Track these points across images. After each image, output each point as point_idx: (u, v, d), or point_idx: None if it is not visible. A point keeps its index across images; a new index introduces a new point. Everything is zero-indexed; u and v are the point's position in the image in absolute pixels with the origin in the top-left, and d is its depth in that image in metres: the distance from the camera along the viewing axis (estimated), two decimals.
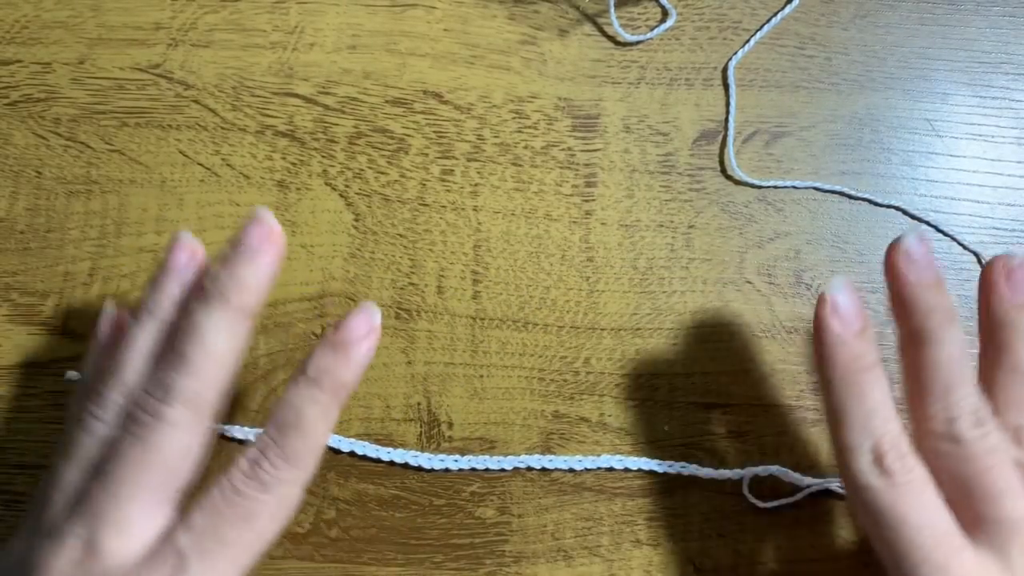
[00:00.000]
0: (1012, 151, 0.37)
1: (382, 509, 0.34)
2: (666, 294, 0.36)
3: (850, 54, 0.38)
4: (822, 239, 0.36)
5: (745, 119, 0.37)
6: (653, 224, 0.36)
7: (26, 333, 0.35)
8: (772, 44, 0.38)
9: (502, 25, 0.38)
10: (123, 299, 0.35)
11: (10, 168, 0.37)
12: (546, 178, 0.37)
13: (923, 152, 0.37)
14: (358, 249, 0.36)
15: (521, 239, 0.36)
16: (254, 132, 0.37)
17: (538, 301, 0.36)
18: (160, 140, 0.37)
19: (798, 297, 0.36)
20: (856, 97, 0.38)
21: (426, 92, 0.38)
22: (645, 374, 0.35)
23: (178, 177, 0.37)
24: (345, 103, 0.37)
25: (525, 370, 0.35)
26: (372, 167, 0.37)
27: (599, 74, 0.38)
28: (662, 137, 0.37)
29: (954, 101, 0.38)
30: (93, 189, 0.36)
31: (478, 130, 0.37)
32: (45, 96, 0.37)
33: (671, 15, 0.38)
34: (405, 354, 0.35)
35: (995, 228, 0.36)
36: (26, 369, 0.35)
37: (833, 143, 0.37)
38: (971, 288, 0.36)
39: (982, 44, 0.38)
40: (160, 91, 0.37)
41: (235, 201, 0.36)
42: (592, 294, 0.36)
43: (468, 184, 0.37)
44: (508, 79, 0.38)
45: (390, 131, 0.37)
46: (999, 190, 0.37)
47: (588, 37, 0.38)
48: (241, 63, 0.38)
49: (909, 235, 0.27)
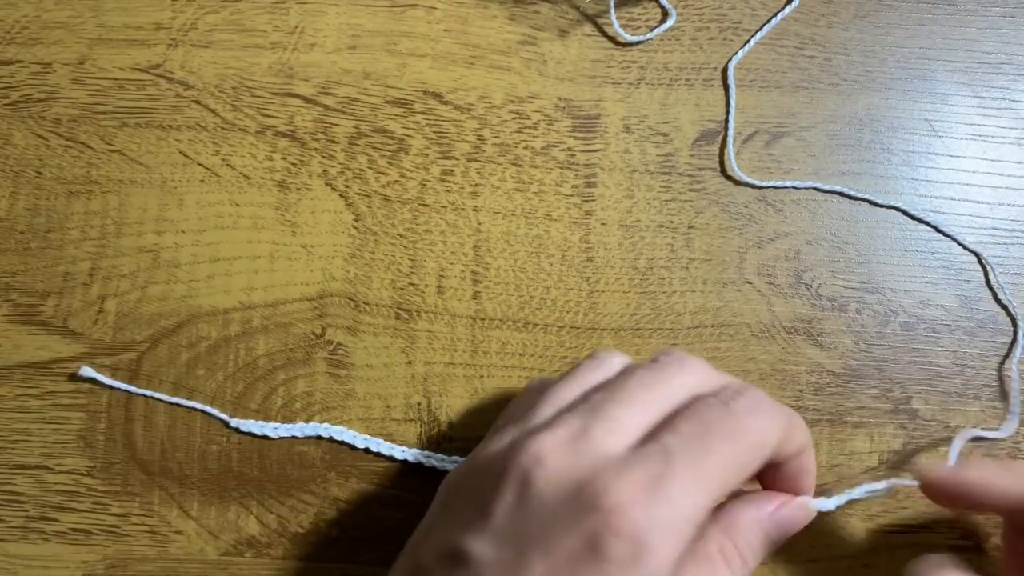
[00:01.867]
0: (1012, 151, 0.37)
1: (382, 509, 0.34)
2: (666, 294, 0.36)
3: (850, 54, 0.38)
4: (822, 239, 0.36)
5: (745, 119, 0.37)
6: (653, 224, 0.36)
7: (26, 333, 0.35)
8: (772, 44, 0.38)
9: (502, 25, 0.38)
10: (123, 299, 0.35)
11: (10, 168, 0.37)
12: (546, 178, 0.37)
13: (923, 152, 0.37)
14: (358, 249, 0.36)
15: (521, 239, 0.36)
16: (254, 132, 0.37)
17: (538, 301, 0.36)
18: (160, 140, 0.37)
19: (798, 298, 0.36)
20: (856, 97, 0.38)
21: (426, 92, 0.38)
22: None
23: (178, 177, 0.37)
24: (345, 103, 0.37)
25: (525, 370, 0.35)
26: (372, 167, 0.37)
27: (599, 74, 0.38)
28: (662, 137, 0.37)
29: (954, 101, 0.38)
30: (93, 189, 0.36)
31: (478, 130, 0.37)
32: (45, 96, 0.37)
33: (671, 15, 0.38)
34: (405, 354, 0.35)
35: (995, 228, 0.36)
36: (26, 369, 0.35)
37: (833, 143, 0.37)
38: (971, 288, 0.36)
39: (982, 44, 0.38)
40: (160, 91, 0.37)
41: (235, 201, 0.36)
42: (592, 294, 0.36)
43: (468, 184, 0.37)
44: (508, 79, 0.38)
45: (390, 131, 0.37)
46: (999, 190, 0.37)
47: (588, 37, 0.38)
48: (241, 63, 0.38)
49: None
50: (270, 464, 0.34)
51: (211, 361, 0.35)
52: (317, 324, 0.35)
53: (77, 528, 0.34)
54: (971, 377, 0.35)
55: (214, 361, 0.35)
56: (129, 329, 0.35)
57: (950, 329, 0.35)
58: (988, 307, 0.36)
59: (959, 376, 0.35)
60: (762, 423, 0.25)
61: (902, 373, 0.35)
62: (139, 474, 0.34)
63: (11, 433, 0.34)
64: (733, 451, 0.25)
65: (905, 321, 0.35)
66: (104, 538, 0.34)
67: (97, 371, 0.34)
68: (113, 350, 0.35)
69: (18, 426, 0.34)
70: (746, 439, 0.25)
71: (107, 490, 0.34)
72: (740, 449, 0.25)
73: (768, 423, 0.25)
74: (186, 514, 0.34)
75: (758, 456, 0.25)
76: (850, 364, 0.35)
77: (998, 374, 0.35)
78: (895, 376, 0.35)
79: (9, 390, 0.35)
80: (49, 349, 0.35)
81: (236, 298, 0.35)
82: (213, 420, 0.34)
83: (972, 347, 0.35)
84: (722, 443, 0.24)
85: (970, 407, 0.35)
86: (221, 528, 0.34)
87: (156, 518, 0.34)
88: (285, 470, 0.34)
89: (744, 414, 0.25)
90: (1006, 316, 0.35)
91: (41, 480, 0.34)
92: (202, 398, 0.35)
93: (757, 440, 0.25)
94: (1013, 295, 0.36)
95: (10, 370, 0.35)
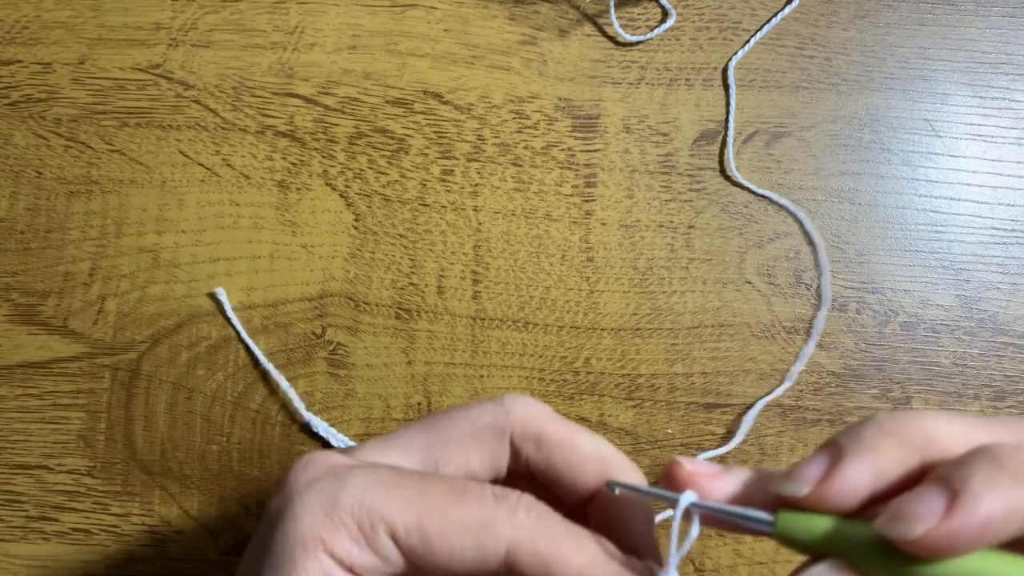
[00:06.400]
0: (1012, 151, 0.37)
1: None
2: (666, 294, 0.36)
3: (850, 54, 0.38)
4: (822, 239, 0.36)
5: (745, 119, 0.37)
6: (653, 224, 0.36)
7: (26, 333, 0.35)
8: (772, 44, 0.38)
9: (502, 25, 0.38)
10: (123, 299, 0.35)
11: (10, 168, 0.37)
12: (546, 178, 0.37)
13: (923, 152, 0.37)
14: (358, 249, 0.36)
15: (521, 239, 0.36)
16: (254, 132, 0.37)
17: (538, 301, 0.36)
18: (160, 140, 0.37)
19: (798, 297, 0.36)
20: (856, 97, 0.38)
21: (426, 92, 0.38)
22: (645, 374, 0.35)
23: (178, 177, 0.37)
24: (345, 103, 0.37)
25: (525, 370, 0.35)
26: (372, 167, 0.37)
27: (599, 74, 0.38)
28: (662, 137, 0.37)
29: (954, 101, 0.38)
30: (93, 189, 0.36)
31: (478, 130, 0.37)
32: (45, 96, 0.37)
33: (671, 15, 0.38)
34: (405, 354, 0.35)
35: (995, 228, 0.36)
36: (26, 369, 0.35)
37: (833, 143, 0.37)
38: (971, 288, 0.36)
39: (982, 44, 0.38)
40: (160, 91, 0.37)
41: (235, 201, 0.36)
42: (592, 294, 0.36)
43: (468, 184, 0.37)
44: (508, 79, 0.38)
45: (390, 131, 0.37)
46: (999, 190, 0.37)
47: (588, 37, 0.38)
48: (241, 63, 0.38)
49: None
50: (270, 464, 0.34)
51: (211, 361, 0.35)
52: (317, 324, 0.35)
53: (77, 528, 0.34)
54: (971, 377, 0.35)
55: (214, 361, 0.35)
56: (129, 329, 0.35)
57: (950, 329, 0.35)
58: (987, 307, 0.36)
59: (959, 376, 0.35)
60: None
61: (902, 373, 0.35)
62: (139, 474, 0.34)
63: (11, 433, 0.34)
64: None
65: (905, 321, 0.35)
66: (104, 538, 0.34)
67: (97, 371, 0.34)
68: (113, 350, 0.35)
69: (18, 426, 0.34)
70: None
71: (107, 490, 0.34)
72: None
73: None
74: (186, 514, 0.34)
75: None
76: (850, 364, 0.35)
77: (998, 374, 0.35)
78: (895, 376, 0.35)
79: (9, 390, 0.35)
80: (49, 349, 0.35)
81: (236, 298, 0.35)
82: (213, 421, 0.34)
83: (972, 347, 0.35)
84: None
85: (970, 407, 0.35)
86: (221, 528, 0.34)
87: (156, 518, 0.34)
88: (285, 470, 0.34)
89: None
90: (1006, 315, 0.35)
91: (41, 480, 0.34)
92: (202, 398, 0.35)
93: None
94: (1012, 296, 0.36)
95: (10, 370, 0.35)
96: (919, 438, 0.19)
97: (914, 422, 0.19)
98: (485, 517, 0.20)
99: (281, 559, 0.19)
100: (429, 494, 0.20)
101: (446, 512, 0.20)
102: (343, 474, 0.20)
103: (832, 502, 0.19)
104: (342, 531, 0.19)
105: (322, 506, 0.20)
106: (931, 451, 0.19)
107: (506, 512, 0.20)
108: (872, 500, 0.19)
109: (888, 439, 0.19)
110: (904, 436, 0.19)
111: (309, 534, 0.19)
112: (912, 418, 0.19)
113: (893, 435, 0.19)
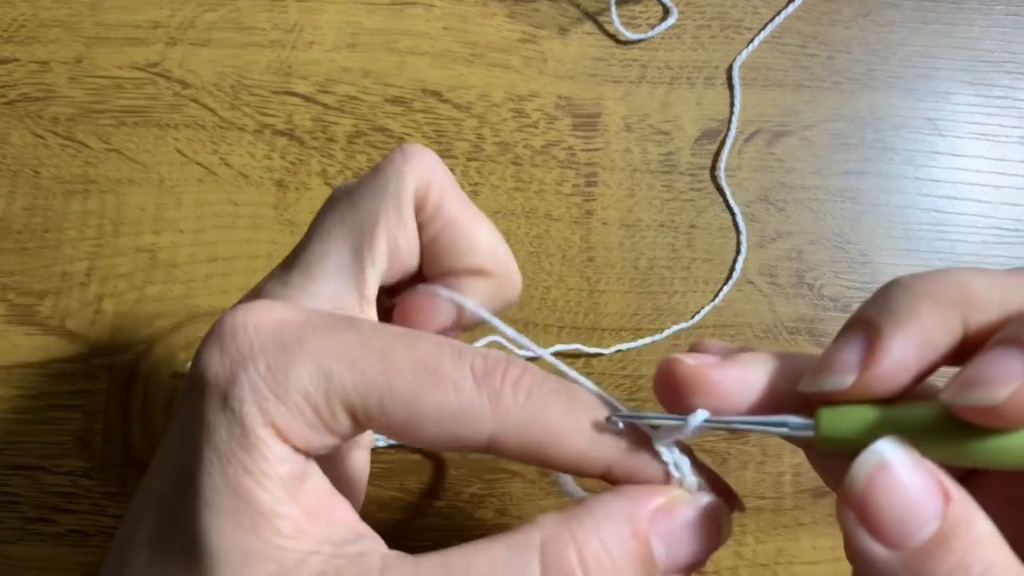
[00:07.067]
0: (1015, 150, 0.37)
1: (381, 510, 0.33)
2: (667, 294, 0.36)
3: (852, 53, 0.38)
4: (824, 239, 0.36)
5: (747, 118, 0.37)
6: (654, 224, 0.36)
7: (23, 333, 0.35)
8: (774, 43, 0.38)
9: (502, 23, 0.38)
10: (121, 299, 0.35)
11: (7, 167, 0.36)
12: (546, 177, 0.37)
13: (926, 151, 0.37)
14: None
15: (521, 239, 0.36)
16: (253, 131, 0.37)
17: (538, 301, 0.35)
18: (158, 139, 0.37)
19: (800, 297, 0.35)
20: (859, 96, 0.37)
21: (425, 91, 0.37)
22: (646, 374, 0.35)
23: (176, 176, 0.36)
24: (344, 102, 0.37)
25: None
26: (371, 166, 0.37)
27: (600, 73, 0.38)
28: (663, 136, 0.37)
29: (957, 100, 0.38)
30: (91, 188, 0.36)
31: (478, 129, 0.37)
32: (43, 95, 0.37)
33: (672, 13, 0.38)
34: None
35: (998, 228, 0.36)
36: (24, 369, 0.35)
37: (835, 142, 0.37)
38: None
39: (985, 43, 0.38)
40: (158, 90, 0.37)
41: (233, 200, 0.36)
42: (593, 294, 0.35)
43: (468, 183, 0.36)
44: (508, 78, 0.37)
45: (389, 130, 0.37)
46: (1002, 190, 0.37)
47: (589, 35, 0.38)
48: (240, 61, 0.37)
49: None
50: None
51: None
52: None
53: (75, 529, 0.33)
54: None
55: None
56: (127, 329, 0.35)
57: None
58: None
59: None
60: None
61: None
62: (137, 475, 0.34)
63: (8, 434, 0.34)
64: None
65: None
66: (102, 539, 0.33)
67: (94, 372, 0.34)
68: (111, 350, 0.35)
69: (15, 427, 0.34)
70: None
71: (105, 491, 0.34)
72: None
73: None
74: None
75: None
76: None
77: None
78: None
79: (6, 391, 0.34)
80: (46, 349, 0.35)
81: (235, 298, 0.35)
82: None
83: None
84: None
85: None
86: None
87: None
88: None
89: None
90: None
91: (38, 481, 0.34)
92: None
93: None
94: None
95: (7, 370, 0.35)
96: (957, 294, 0.17)
97: (947, 278, 0.17)
98: (463, 407, 0.17)
99: (230, 444, 0.17)
100: (395, 371, 0.17)
101: (416, 401, 0.17)
102: (292, 345, 0.17)
103: (880, 387, 0.17)
104: (298, 417, 0.17)
105: (272, 388, 0.17)
106: (971, 309, 0.17)
107: (489, 399, 0.18)
108: (918, 377, 0.17)
109: (927, 302, 0.17)
110: (941, 296, 0.17)
111: (260, 419, 0.17)
112: (943, 275, 0.17)
113: (930, 297, 0.17)
